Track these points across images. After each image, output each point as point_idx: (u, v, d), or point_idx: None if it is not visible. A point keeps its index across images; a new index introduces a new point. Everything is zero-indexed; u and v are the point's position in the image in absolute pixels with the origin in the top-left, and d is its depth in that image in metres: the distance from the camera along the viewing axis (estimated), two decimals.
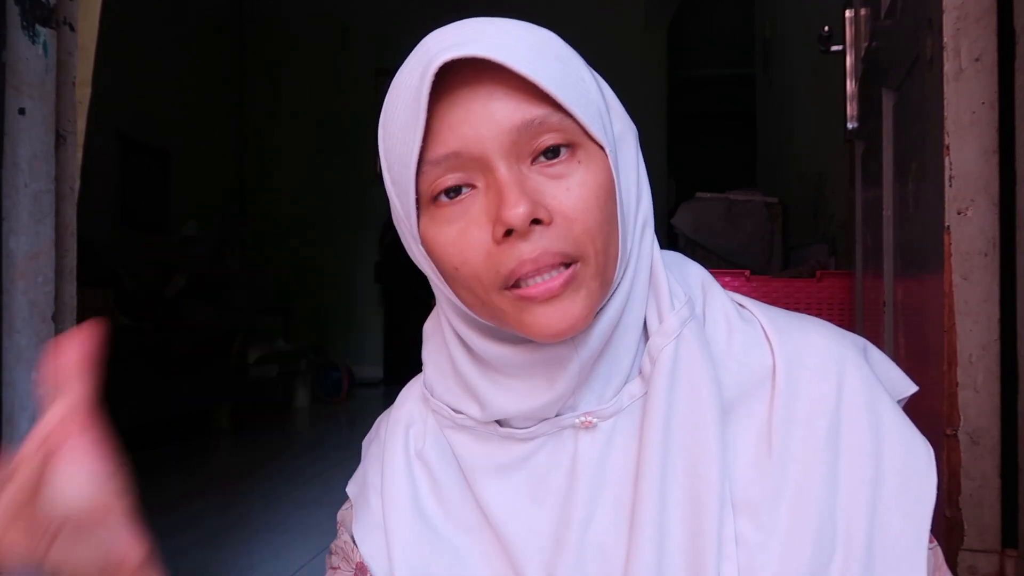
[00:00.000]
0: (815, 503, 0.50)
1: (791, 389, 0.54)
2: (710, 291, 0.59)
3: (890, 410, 0.53)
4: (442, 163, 0.49)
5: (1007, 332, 1.02)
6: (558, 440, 0.55)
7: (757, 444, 0.53)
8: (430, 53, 0.48)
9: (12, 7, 1.10)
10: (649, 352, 0.54)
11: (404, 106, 0.49)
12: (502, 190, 0.47)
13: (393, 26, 5.96)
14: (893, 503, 0.51)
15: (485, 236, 0.49)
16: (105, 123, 4.33)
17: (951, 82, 1.04)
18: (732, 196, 3.40)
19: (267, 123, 6.40)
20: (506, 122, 0.48)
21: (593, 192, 0.49)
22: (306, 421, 4.82)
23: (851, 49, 1.86)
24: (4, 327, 1.09)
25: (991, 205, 1.03)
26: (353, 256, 6.17)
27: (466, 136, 0.48)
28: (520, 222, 0.46)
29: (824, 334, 0.56)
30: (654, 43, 6.25)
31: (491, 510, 0.56)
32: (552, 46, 0.50)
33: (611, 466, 0.54)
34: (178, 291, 4.26)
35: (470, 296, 0.51)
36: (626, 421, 0.54)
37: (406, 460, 0.60)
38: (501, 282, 0.49)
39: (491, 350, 0.54)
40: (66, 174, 1.21)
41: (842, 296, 2.13)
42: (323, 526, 2.49)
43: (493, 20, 0.50)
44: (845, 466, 0.52)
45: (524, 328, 0.50)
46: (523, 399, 0.54)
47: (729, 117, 7.33)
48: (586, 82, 0.51)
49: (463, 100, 0.48)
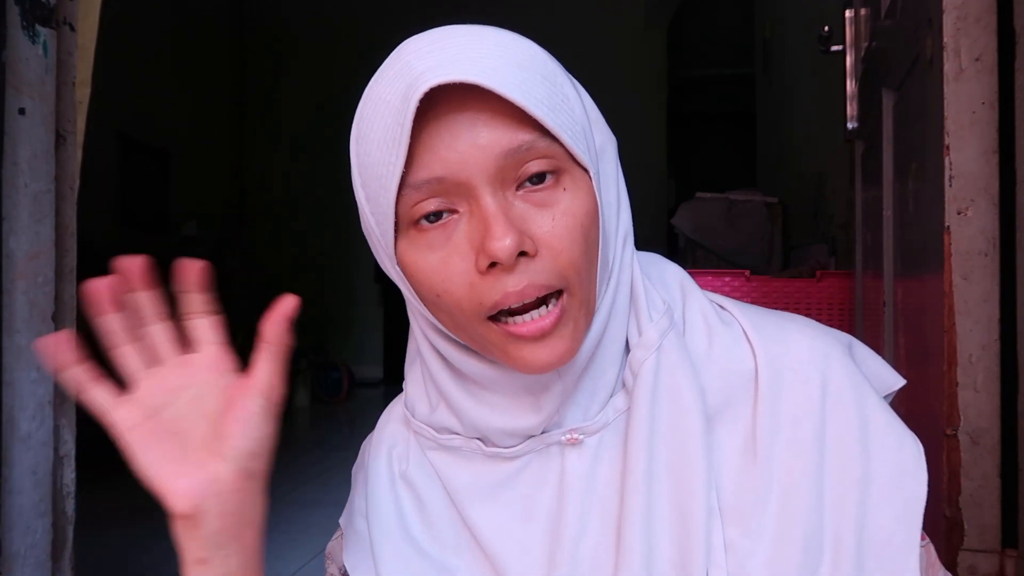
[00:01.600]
0: (802, 506, 0.50)
1: (774, 392, 0.53)
2: (690, 294, 0.58)
3: (877, 407, 0.53)
4: (424, 187, 0.47)
5: (1007, 332, 1.02)
6: (544, 457, 0.54)
7: (742, 450, 0.52)
8: (413, 72, 0.46)
9: (12, 7, 1.10)
10: (630, 365, 0.54)
11: (383, 125, 0.47)
12: (487, 220, 0.46)
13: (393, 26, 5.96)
14: (883, 502, 0.50)
15: (468, 265, 0.47)
16: (105, 123, 4.33)
17: (951, 82, 1.04)
18: (732, 196, 3.40)
19: (267, 123, 6.40)
20: (492, 148, 0.46)
21: (579, 221, 0.48)
22: (306, 421, 4.82)
23: (851, 49, 1.86)
24: (4, 327, 1.09)
25: (991, 205, 1.03)
26: (353, 256, 6.17)
27: (450, 161, 0.46)
28: (507, 256, 0.45)
29: (806, 333, 0.55)
30: (654, 43, 6.25)
31: (481, 532, 0.55)
32: (537, 63, 0.49)
33: (599, 481, 0.53)
34: None
35: (451, 321, 0.50)
36: (612, 435, 0.53)
37: (390, 482, 0.59)
38: (484, 313, 0.48)
39: (471, 365, 0.53)
40: (66, 174, 1.21)
41: (842, 296, 2.13)
42: (323, 526, 2.49)
43: (475, 34, 0.48)
44: (832, 467, 0.51)
45: (510, 361, 0.49)
46: (506, 417, 0.53)
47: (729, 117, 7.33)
48: (571, 100, 0.50)
49: (447, 123, 0.46)
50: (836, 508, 0.50)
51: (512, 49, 0.48)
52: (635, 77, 6.11)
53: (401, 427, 0.62)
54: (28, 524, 1.13)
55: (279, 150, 6.40)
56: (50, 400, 1.17)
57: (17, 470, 1.11)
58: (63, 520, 1.22)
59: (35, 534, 1.14)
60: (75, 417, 1.24)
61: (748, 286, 2.15)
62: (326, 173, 6.23)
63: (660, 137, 6.19)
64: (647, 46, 6.21)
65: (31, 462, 1.14)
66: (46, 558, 1.16)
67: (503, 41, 0.48)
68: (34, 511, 1.14)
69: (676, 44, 6.50)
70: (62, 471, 1.22)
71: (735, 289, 2.09)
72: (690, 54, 7.03)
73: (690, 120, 7.44)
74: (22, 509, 1.12)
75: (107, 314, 0.48)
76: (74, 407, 1.24)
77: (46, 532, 1.16)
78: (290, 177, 6.36)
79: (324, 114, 6.26)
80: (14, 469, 1.11)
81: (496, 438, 0.55)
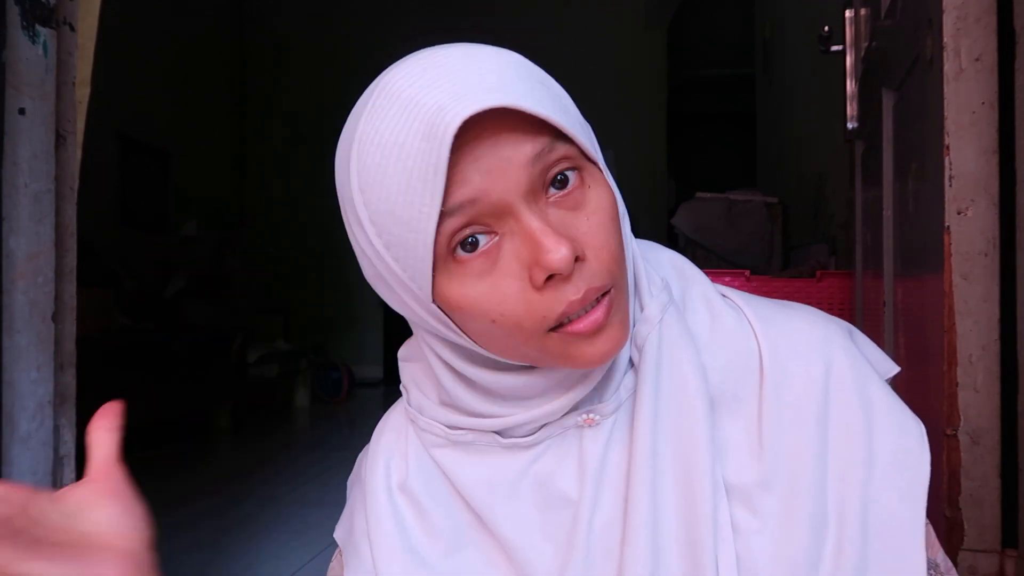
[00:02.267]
0: (807, 486, 0.51)
1: (778, 373, 0.54)
2: (691, 278, 0.59)
3: (879, 389, 0.54)
4: (457, 213, 0.46)
5: (1007, 332, 1.02)
6: (562, 441, 0.55)
7: (747, 430, 0.53)
8: (425, 108, 0.44)
9: (12, 7, 1.10)
10: (635, 341, 0.54)
11: (403, 168, 0.45)
12: (534, 235, 0.46)
13: (393, 26, 5.96)
14: (887, 482, 0.51)
15: (521, 284, 0.47)
16: (105, 123, 4.33)
17: (951, 82, 1.04)
18: (732, 196, 3.40)
19: (267, 123, 6.40)
20: (518, 158, 0.46)
21: (609, 215, 0.49)
22: (306, 421, 4.82)
23: (851, 49, 1.86)
24: (4, 327, 1.09)
25: (991, 205, 1.03)
26: (353, 256, 6.15)
27: (478, 183, 0.45)
28: (566, 265, 0.45)
29: (807, 319, 0.56)
30: (654, 43, 6.25)
31: (502, 526, 0.54)
32: (532, 71, 0.49)
33: (610, 462, 0.53)
34: (178, 291, 4.26)
35: (502, 346, 0.50)
36: (623, 415, 0.54)
37: (388, 497, 0.58)
38: (549, 326, 0.47)
39: (503, 382, 0.53)
40: (66, 174, 1.21)
41: (842, 296, 2.14)
42: (323, 526, 2.49)
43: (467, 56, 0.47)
44: (836, 447, 0.52)
45: (570, 361, 0.49)
46: (532, 411, 0.54)
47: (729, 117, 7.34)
48: (564, 100, 0.50)
49: (468, 149, 0.45)
50: (840, 488, 0.51)
51: (508, 63, 0.48)
52: (635, 77, 6.11)
53: (398, 434, 0.61)
54: None
55: (279, 150, 6.40)
56: (50, 400, 1.17)
57: (17, 470, 1.11)
58: None
59: None
60: (75, 417, 1.24)
61: (748, 286, 2.15)
62: (326, 173, 6.22)
63: (660, 137, 6.19)
64: (647, 46, 6.21)
65: (31, 462, 1.14)
66: None
67: (497, 57, 0.48)
68: None
69: (676, 44, 6.50)
70: (62, 471, 1.22)
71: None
72: (690, 54, 7.04)
73: (690, 120, 7.45)
74: None
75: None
76: (74, 407, 1.24)
77: None
78: (290, 177, 6.36)
79: (324, 114, 6.26)
80: (14, 469, 1.11)
81: (515, 430, 0.55)
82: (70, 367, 1.23)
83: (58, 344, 1.19)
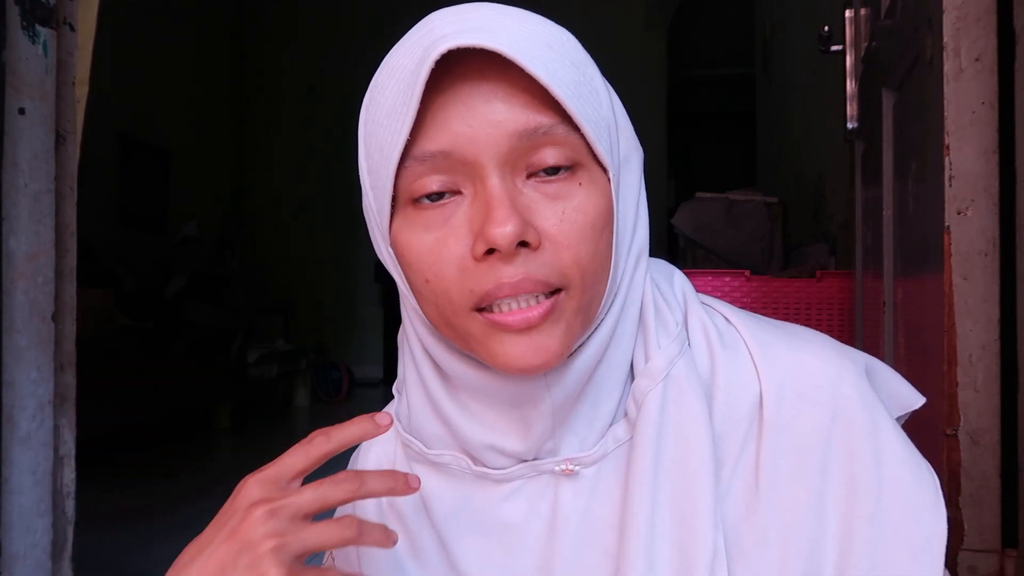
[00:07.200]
0: (803, 543, 0.47)
1: (780, 420, 0.49)
2: (690, 308, 0.54)
3: (893, 437, 0.49)
4: (428, 161, 0.44)
5: (1007, 332, 1.02)
6: (536, 486, 0.51)
7: (745, 484, 0.49)
8: (434, 34, 0.43)
9: (12, 7, 1.10)
10: (634, 395, 0.50)
11: (395, 90, 0.44)
12: (490, 203, 0.43)
13: (395, 26, 5.96)
14: (900, 542, 0.47)
15: (463, 250, 0.44)
16: (105, 123, 4.32)
17: (951, 82, 1.04)
18: (732, 196, 3.40)
19: (267, 123, 6.40)
20: (507, 126, 0.43)
21: (590, 220, 0.45)
22: (306, 421, 4.82)
23: (851, 49, 1.86)
24: (4, 327, 1.09)
25: (991, 205, 1.03)
26: (353, 256, 6.17)
27: (460, 135, 0.43)
28: (506, 243, 0.42)
29: (816, 352, 0.51)
30: (654, 43, 6.25)
31: (466, 566, 0.52)
32: (569, 48, 0.46)
33: (596, 516, 0.49)
34: (178, 291, 4.26)
35: (435, 313, 0.47)
36: (611, 467, 0.50)
37: (379, 516, 0.56)
38: (473, 303, 0.44)
39: (456, 368, 0.49)
40: (66, 174, 1.21)
41: (842, 296, 2.13)
42: None
43: (506, 10, 0.45)
44: (838, 501, 0.47)
45: (491, 358, 0.45)
46: (493, 433, 0.50)
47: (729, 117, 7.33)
48: (599, 94, 0.47)
49: (463, 94, 0.43)
50: (843, 546, 0.47)
51: (543, 29, 0.45)
52: (635, 77, 6.11)
53: (386, 446, 0.58)
54: (28, 524, 1.13)
55: (279, 150, 6.40)
56: (50, 400, 1.17)
57: (17, 470, 1.11)
58: (63, 520, 1.22)
59: (35, 534, 1.14)
60: (75, 417, 1.24)
61: (748, 286, 2.15)
62: (327, 173, 6.23)
63: (660, 137, 6.19)
64: (647, 46, 6.21)
65: (31, 462, 1.14)
66: (46, 558, 1.16)
67: (535, 20, 0.46)
68: (34, 511, 1.14)
69: (676, 44, 6.50)
70: (62, 471, 1.22)
71: (735, 289, 2.09)
72: (690, 54, 7.03)
73: (690, 120, 7.44)
74: (22, 509, 1.12)
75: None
76: (74, 407, 1.24)
77: (46, 532, 1.16)
78: (290, 177, 6.36)
79: (325, 115, 6.26)
80: (14, 469, 1.11)
81: (483, 456, 0.51)
82: (70, 367, 1.23)
83: (58, 344, 1.19)
